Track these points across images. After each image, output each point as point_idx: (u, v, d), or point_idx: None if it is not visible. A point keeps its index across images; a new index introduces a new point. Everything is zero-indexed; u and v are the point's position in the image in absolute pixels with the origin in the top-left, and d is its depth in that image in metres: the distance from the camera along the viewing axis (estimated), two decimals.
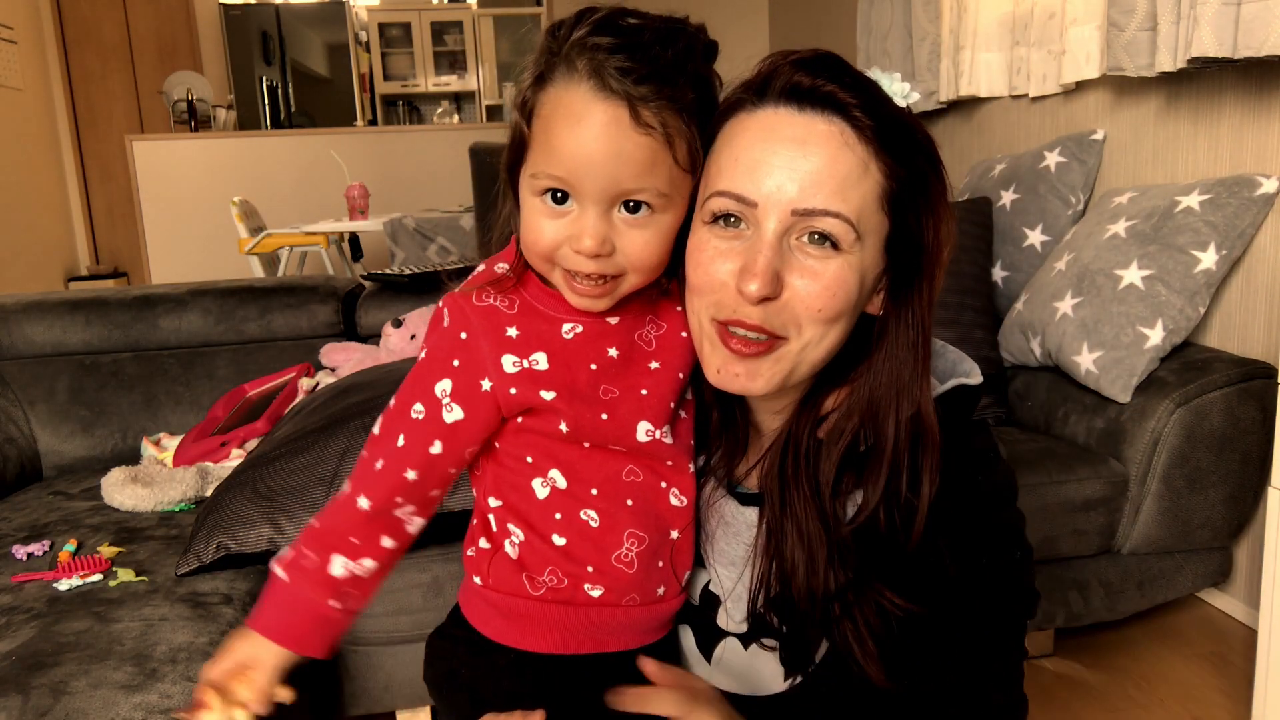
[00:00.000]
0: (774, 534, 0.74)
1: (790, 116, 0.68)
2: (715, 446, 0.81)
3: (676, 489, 0.74)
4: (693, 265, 0.72)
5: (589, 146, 0.63)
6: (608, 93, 0.62)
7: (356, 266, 4.37)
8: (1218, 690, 1.70)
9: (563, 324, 0.71)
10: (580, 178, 0.64)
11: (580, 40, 0.64)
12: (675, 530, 0.75)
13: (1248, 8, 1.67)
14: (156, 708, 1.03)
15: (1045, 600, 1.73)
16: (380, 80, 7.22)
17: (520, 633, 0.73)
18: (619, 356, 0.72)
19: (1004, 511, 0.77)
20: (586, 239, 0.65)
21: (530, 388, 0.70)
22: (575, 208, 0.66)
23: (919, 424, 0.71)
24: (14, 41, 5.45)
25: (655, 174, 0.65)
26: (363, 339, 2.21)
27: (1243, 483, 1.73)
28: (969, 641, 0.73)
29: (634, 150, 0.63)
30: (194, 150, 5.15)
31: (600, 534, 0.71)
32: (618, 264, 0.67)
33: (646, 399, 0.72)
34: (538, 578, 0.72)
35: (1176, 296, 1.77)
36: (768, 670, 0.78)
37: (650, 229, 0.67)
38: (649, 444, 0.72)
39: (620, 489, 0.72)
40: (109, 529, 1.54)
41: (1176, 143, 2.08)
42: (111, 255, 6.28)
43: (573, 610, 0.72)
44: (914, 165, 0.69)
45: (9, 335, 2.02)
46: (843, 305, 0.69)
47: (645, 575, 0.72)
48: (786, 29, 4.96)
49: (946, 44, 2.81)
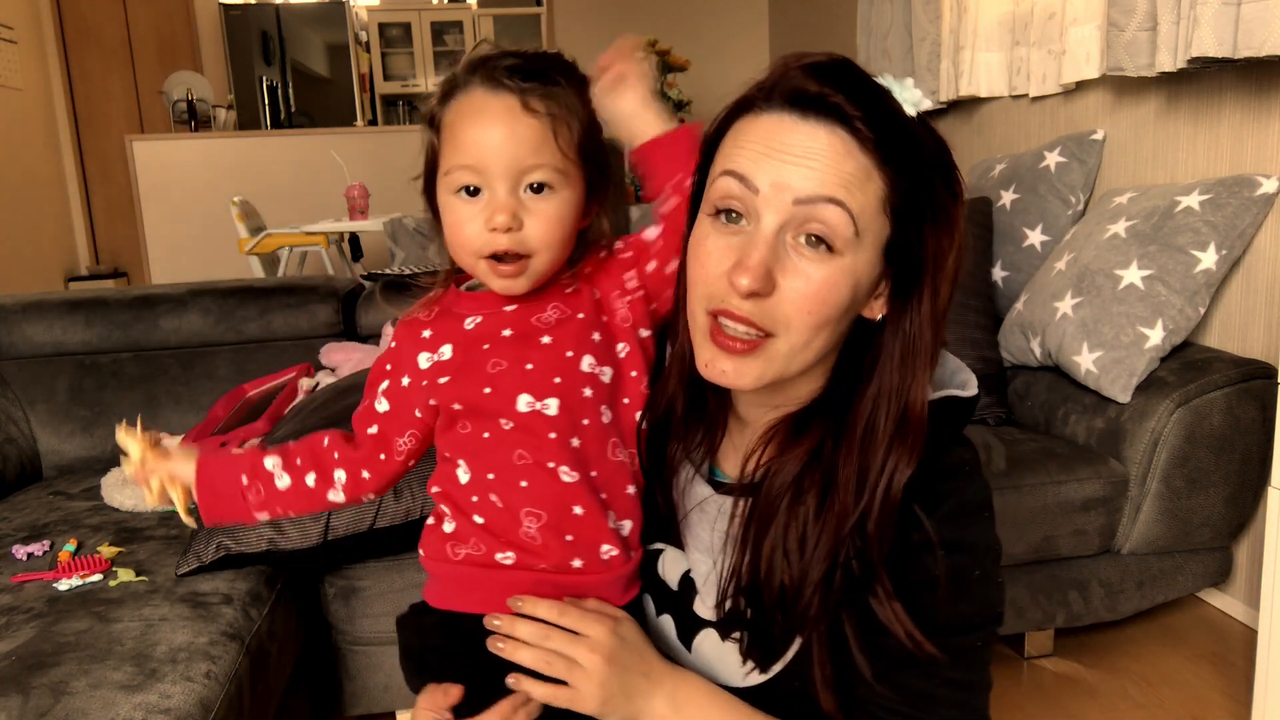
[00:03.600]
0: (751, 526, 0.75)
1: (794, 123, 0.68)
2: (689, 434, 0.82)
3: (566, 466, 0.78)
4: (692, 258, 0.73)
5: (489, 132, 0.75)
6: (500, 88, 0.75)
7: (356, 266, 4.37)
8: (1218, 690, 1.70)
9: (466, 318, 0.82)
10: (485, 160, 0.75)
11: (475, 61, 0.77)
12: (578, 506, 0.78)
13: (1248, 8, 1.67)
14: (156, 708, 1.03)
15: (1045, 600, 1.73)
16: (380, 80, 7.21)
17: (448, 594, 0.83)
18: (512, 335, 0.80)
19: (970, 529, 0.74)
20: (499, 215, 0.75)
21: (435, 376, 0.80)
22: (486, 195, 0.76)
23: (905, 419, 0.71)
24: (14, 41, 5.45)
25: (548, 151, 0.76)
26: (363, 339, 2.21)
27: (1243, 483, 1.73)
28: (920, 660, 0.72)
29: (526, 131, 0.75)
30: (194, 150, 5.14)
31: (504, 513, 0.79)
32: (527, 241, 0.76)
33: (530, 372, 0.78)
34: (460, 547, 0.81)
35: (1176, 296, 1.77)
36: (730, 663, 0.79)
37: (552, 204, 0.77)
38: (529, 415, 0.78)
39: (514, 472, 0.79)
40: (109, 529, 1.54)
41: (1176, 143, 2.08)
42: (111, 255, 6.28)
43: (489, 572, 0.80)
44: (919, 175, 0.69)
45: (9, 335, 2.02)
46: (832, 311, 0.69)
47: (552, 548, 0.79)
48: (786, 29, 4.96)
49: (946, 44, 2.82)
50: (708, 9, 5.19)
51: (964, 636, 0.73)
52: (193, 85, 6.07)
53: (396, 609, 1.45)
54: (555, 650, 0.76)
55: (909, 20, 3.06)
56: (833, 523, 0.72)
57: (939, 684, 0.73)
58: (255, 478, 0.85)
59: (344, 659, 1.51)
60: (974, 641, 0.74)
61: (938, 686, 0.74)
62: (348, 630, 1.49)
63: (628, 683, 0.76)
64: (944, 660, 0.72)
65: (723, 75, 4.86)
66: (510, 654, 0.76)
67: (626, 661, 0.77)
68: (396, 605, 1.47)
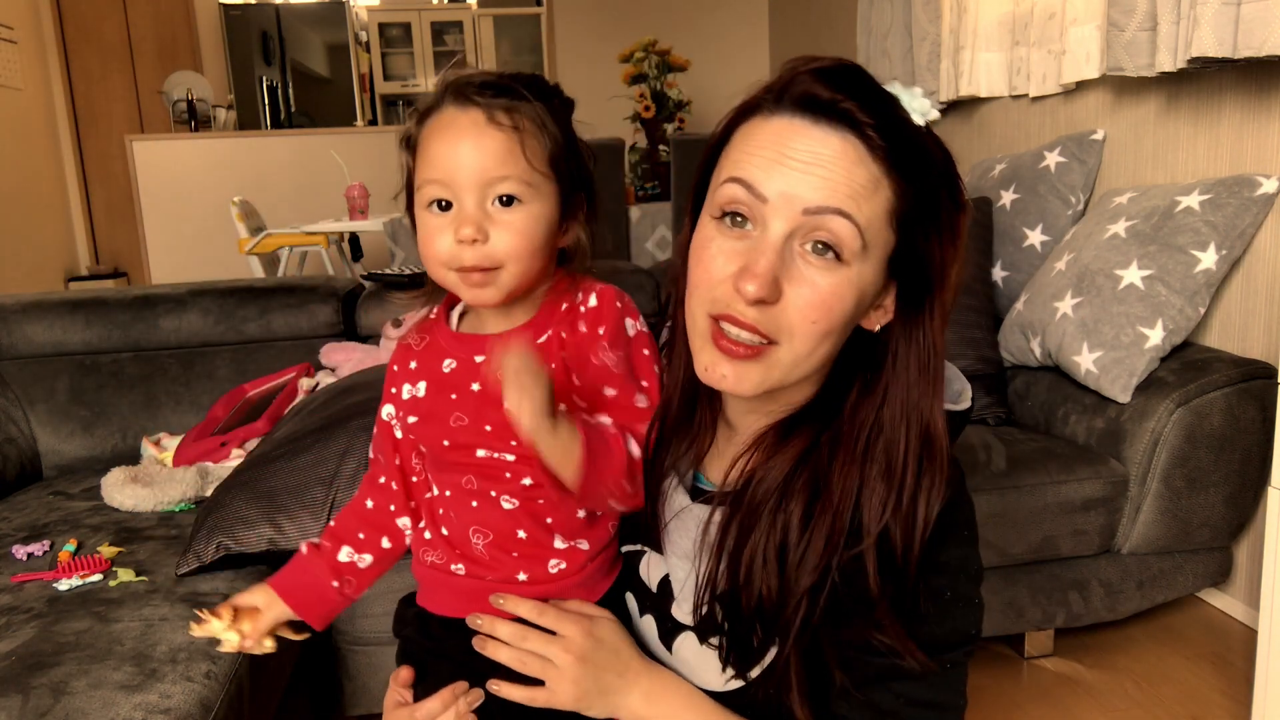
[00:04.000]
0: (731, 532, 0.74)
1: (805, 129, 0.68)
2: (678, 440, 0.81)
3: (507, 495, 0.82)
4: (695, 261, 0.72)
5: (456, 145, 0.76)
6: (469, 104, 0.77)
7: (356, 266, 4.37)
8: (1218, 690, 1.70)
9: (444, 360, 0.83)
10: (452, 172, 0.76)
11: (448, 81, 0.79)
12: (520, 530, 0.82)
13: (1248, 8, 1.67)
14: (156, 708, 1.03)
15: (1045, 600, 1.73)
16: (380, 80, 7.22)
17: (421, 594, 0.89)
18: (479, 390, 0.80)
19: (947, 548, 0.73)
20: (465, 227, 0.76)
21: (407, 411, 0.84)
22: (456, 208, 0.77)
23: (928, 438, 0.71)
24: (14, 41, 5.46)
25: (514, 163, 0.76)
26: (363, 339, 2.21)
27: (1243, 483, 1.73)
28: (893, 680, 0.72)
29: (492, 143, 0.76)
30: (194, 150, 5.15)
31: (457, 528, 0.84)
32: (493, 254, 0.77)
33: (489, 434, 0.79)
34: (429, 553, 0.87)
35: (1176, 296, 1.77)
36: (710, 667, 0.79)
37: (519, 215, 0.77)
38: (485, 459, 0.81)
39: (462, 494, 0.83)
40: (109, 529, 1.54)
41: (1176, 143, 2.08)
42: (111, 255, 6.28)
43: (449, 578, 0.85)
44: (925, 185, 0.69)
45: (9, 335, 2.02)
46: (837, 320, 0.69)
47: (499, 562, 0.83)
48: (786, 29, 4.96)
49: (946, 44, 2.82)
50: (708, 9, 5.19)
51: (935, 657, 0.72)
52: (193, 85, 6.07)
53: None
54: (531, 650, 0.79)
55: (909, 20, 3.06)
56: (822, 532, 0.71)
57: (907, 704, 0.73)
58: (340, 575, 0.89)
59: (344, 659, 1.51)
60: (944, 662, 0.73)
61: (906, 706, 0.73)
62: (348, 630, 1.49)
63: (602, 680, 0.79)
64: (915, 680, 0.72)
65: (723, 75, 4.86)
66: (491, 653, 0.80)
67: (600, 660, 0.79)
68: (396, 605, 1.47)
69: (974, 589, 0.76)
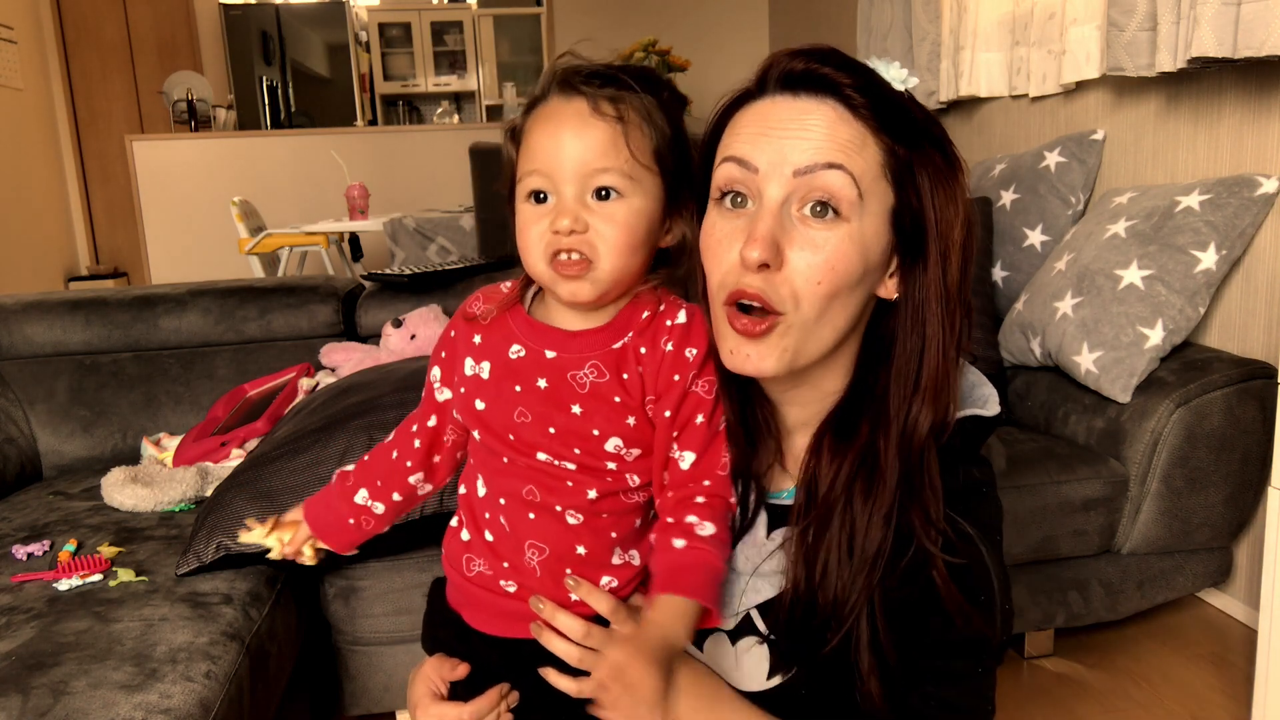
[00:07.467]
0: (808, 538, 0.74)
1: (787, 102, 0.70)
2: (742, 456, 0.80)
3: (573, 510, 0.79)
4: (704, 250, 0.74)
5: (558, 136, 0.74)
6: (575, 94, 0.75)
7: (356, 266, 4.37)
8: (1218, 690, 1.70)
9: (512, 344, 0.80)
10: (552, 164, 0.74)
11: (555, 71, 0.78)
12: (581, 546, 0.79)
13: (1248, 8, 1.67)
14: (156, 708, 1.03)
15: (1045, 600, 1.73)
16: (380, 80, 7.21)
17: (459, 602, 0.86)
18: (546, 388, 0.78)
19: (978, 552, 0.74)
20: (563, 218, 0.74)
21: (472, 391, 0.81)
22: (554, 200, 0.75)
23: (919, 377, 0.72)
24: (14, 41, 5.45)
25: (616, 154, 0.74)
26: (363, 339, 2.21)
27: (1243, 483, 1.73)
28: (921, 680, 0.72)
29: (594, 134, 0.74)
30: (194, 150, 5.14)
31: (510, 538, 0.80)
32: (591, 243, 0.74)
33: (552, 436, 0.77)
34: (474, 562, 0.83)
35: (1176, 296, 1.77)
36: (750, 668, 0.78)
37: (619, 208, 0.75)
38: (547, 463, 0.78)
39: (521, 505, 0.80)
40: (109, 529, 1.54)
41: (1176, 143, 2.08)
42: (111, 255, 6.28)
43: (495, 597, 0.82)
44: (914, 141, 0.70)
45: (9, 335, 2.02)
46: (843, 280, 0.69)
47: (552, 581, 0.79)
48: (787, 29, 4.96)
49: (946, 44, 2.82)
50: (708, 9, 5.19)
51: (962, 661, 0.72)
52: (193, 85, 6.07)
53: (396, 609, 1.46)
54: (589, 647, 0.76)
55: (909, 20, 3.06)
56: (884, 502, 0.71)
57: (935, 705, 0.73)
58: (356, 515, 0.91)
59: (344, 659, 1.51)
60: (973, 667, 0.73)
61: (935, 709, 0.73)
62: (348, 630, 1.49)
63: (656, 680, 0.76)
64: (951, 683, 0.72)
65: (723, 75, 4.86)
66: (546, 642, 0.77)
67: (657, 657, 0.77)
68: (396, 605, 1.47)
69: (1005, 596, 0.76)
